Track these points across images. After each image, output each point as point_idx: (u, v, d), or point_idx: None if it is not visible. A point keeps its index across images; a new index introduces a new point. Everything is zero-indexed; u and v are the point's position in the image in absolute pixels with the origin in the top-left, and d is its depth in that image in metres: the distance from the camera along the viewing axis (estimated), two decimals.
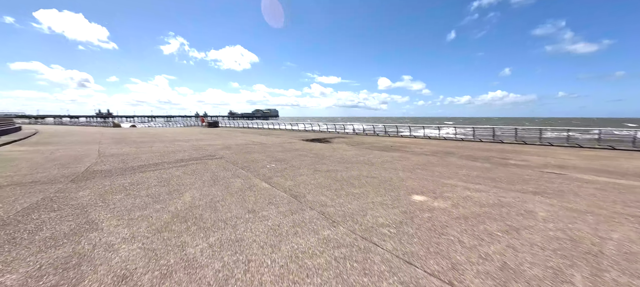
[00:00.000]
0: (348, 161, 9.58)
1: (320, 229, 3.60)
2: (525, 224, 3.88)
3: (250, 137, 21.39)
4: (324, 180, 6.54)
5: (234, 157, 10.20)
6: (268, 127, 39.09)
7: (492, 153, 12.50)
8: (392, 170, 8.02)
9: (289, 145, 15.24)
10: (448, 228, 3.69)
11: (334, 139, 20.34)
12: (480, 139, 19.43)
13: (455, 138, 20.72)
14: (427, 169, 8.25)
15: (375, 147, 14.77)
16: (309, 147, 14.38)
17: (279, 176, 7.02)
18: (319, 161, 9.49)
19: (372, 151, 12.84)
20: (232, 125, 49.41)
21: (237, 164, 8.68)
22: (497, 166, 9.03)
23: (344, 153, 11.93)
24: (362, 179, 6.66)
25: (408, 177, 6.99)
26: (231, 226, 3.65)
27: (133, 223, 3.69)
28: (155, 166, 8.15)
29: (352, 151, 12.67)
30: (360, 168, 8.24)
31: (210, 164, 8.59)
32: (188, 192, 5.30)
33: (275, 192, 5.38)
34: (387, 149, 13.62)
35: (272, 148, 13.60)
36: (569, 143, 15.87)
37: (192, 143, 15.67)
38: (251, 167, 8.27)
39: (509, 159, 10.68)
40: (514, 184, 6.52)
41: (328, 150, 13.02)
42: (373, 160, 10.01)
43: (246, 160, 9.63)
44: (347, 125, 30.71)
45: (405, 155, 11.57)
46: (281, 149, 13.10)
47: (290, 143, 16.36)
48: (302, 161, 9.59)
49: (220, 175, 7.00)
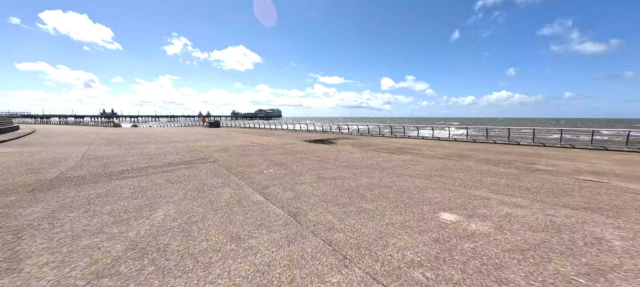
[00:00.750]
0: (355, 166, 8.55)
1: (327, 271, 2.59)
2: (607, 263, 2.83)
3: (250, 137, 20.45)
4: (329, 190, 5.52)
5: (229, 161, 9.22)
6: (270, 127, 38.18)
7: (513, 156, 11.37)
8: (407, 177, 6.98)
9: (290, 146, 14.26)
10: (505, 269, 2.65)
11: (338, 140, 19.32)
12: (494, 141, 18.25)
13: (467, 139, 19.56)
14: (446, 176, 7.20)
15: (383, 149, 13.72)
16: (311, 149, 13.38)
17: (277, 184, 6.02)
18: (323, 166, 8.48)
19: (380, 154, 11.80)
20: (234, 125, 48.62)
21: (230, 169, 7.70)
22: (524, 172, 7.93)
23: (350, 156, 10.91)
24: (374, 189, 5.63)
25: (427, 187, 5.95)
26: (203, 265, 2.65)
27: (68, 260, 2.69)
28: (137, 172, 7.20)
29: (358, 154, 11.64)
30: (370, 174, 7.22)
31: (201, 169, 7.62)
32: (162, 208, 4.31)
33: (269, 208, 4.37)
34: (396, 152, 12.56)
35: (272, 150, 12.62)
36: (593, 145, 14.65)
37: (188, 144, 14.76)
38: (246, 173, 7.28)
39: (535, 164, 9.57)
40: (556, 195, 5.44)
41: (332, 152, 12.01)
42: (383, 164, 8.97)
43: (242, 164, 8.65)
44: (351, 126, 29.68)
45: (417, 158, 10.50)
46: (282, 151, 12.11)
47: (292, 144, 15.38)
48: (304, 165, 8.58)
49: (208, 183, 6.01)
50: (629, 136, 13.83)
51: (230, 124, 49.68)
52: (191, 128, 39.95)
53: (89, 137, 19.33)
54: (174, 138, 18.84)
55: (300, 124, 34.21)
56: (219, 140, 17.14)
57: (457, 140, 19.29)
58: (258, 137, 21.02)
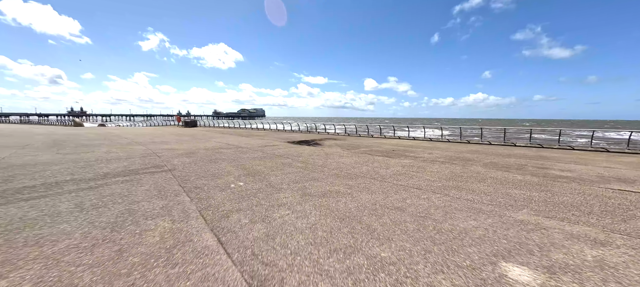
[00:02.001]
0: (349, 174, 6.89)
1: None
2: None
3: (228, 138, 18.33)
4: (319, 219, 3.81)
5: (189, 170, 7.27)
6: (252, 127, 35.90)
7: (519, 160, 10.19)
8: (417, 190, 5.40)
9: (271, 149, 12.40)
10: None
11: (324, 141, 17.65)
12: (489, 142, 17.32)
13: (461, 140, 18.54)
14: (463, 188, 5.70)
15: (376, 151, 12.20)
16: (295, 151, 11.61)
17: (244, 209, 4.21)
18: (309, 175, 6.75)
19: (374, 157, 10.24)
20: (214, 125, 45.70)
21: (185, 183, 5.78)
22: (547, 181, 6.62)
23: (340, 160, 9.25)
24: (383, 215, 3.98)
25: (451, 207, 4.39)
26: None
27: None
28: (46, 189, 5.11)
29: (349, 157, 10.01)
30: (369, 187, 5.58)
31: (143, 184, 5.64)
32: (15, 273, 2.41)
33: (219, 269, 2.57)
34: (390, 154, 11.06)
35: (248, 154, 10.72)
36: (592, 147, 13.94)
37: (149, 147, 12.50)
38: (205, 188, 5.40)
39: (548, 169, 8.36)
40: (621, 218, 4.05)
41: (320, 156, 10.31)
42: (381, 171, 7.38)
43: (205, 174, 6.74)
44: (336, 126, 28.17)
45: (417, 163, 9.03)
46: (260, 155, 10.25)
47: (273, 146, 13.52)
48: (284, 174, 6.81)
49: (140, 210, 4.10)
50: (631, 138, 13.20)
51: (211, 124, 46.68)
52: (165, 128, 36.81)
53: (33, 138, 16.42)
54: (138, 139, 16.38)
55: (283, 124, 32.23)
56: (189, 143, 14.93)
57: (450, 141, 18.22)
58: (236, 137, 18.93)
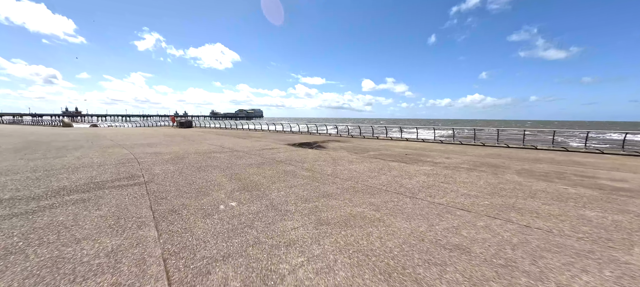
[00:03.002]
0: (368, 187, 5.56)
1: None
2: None
3: (223, 140, 16.94)
4: (352, 277, 2.48)
5: (171, 182, 5.89)
6: (250, 128, 34.48)
7: (554, 166, 8.92)
8: (466, 214, 4.08)
9: (270, 153, 11.04)
10: None
11: (327, 142, 16.31)
12: (506, 144, 16.07)
13: (475, 143, 17.26)
14: (519, 208, 4.39)
15: (387, 155, 10.88)
16: (298, 156, 10.26)
17: (234, 257, 2.85)
18: (319, 189, 5.41)
19: (387, 162, 8.93)
20: (211, 125, 44.20)
21: (159, 204, 4.42)
22: (609, 194, 5.33)
23: (351, 167, 7.92)
24: (445, 263, 2.65)
25: (535, 247, 3.07)
26: None
27: None
28: None
29: (361, 163, 8.69)
30: (402, 208, 4.26)
31: (101, 206, 4.27)
32: None
33: None
34: (405, 159, 9.74)
35: (245, 159, 9.35)
36: (625, 151, 12.73)
37: (132, 150, 11.11)
38: (184, 213, 4.05)
39: (593, 177, 7.08)
40: None
41: (326, 162, 8.97)
42: (405, 183, 6.06)
43: (189, 189, 5.37)
44: (335, 126, 26.88)
45: (440, 170, 7.72)
46: (258, 161, 8.89)
47: (273, 150, 12.16)
48: (289, 188, 5.47)
49: (70, 260, 2.73)
50: None
51: (208, 125, 45.17)
52: (159, 129, 35.31)
53: (6, 139, 14.95)
54: (124, 141, 14.94)
55: (282, 124, 30.85)
56: (179, 145, 13.53)
57: (463, 144, 16.95)
58: (232, 139, 17.54)
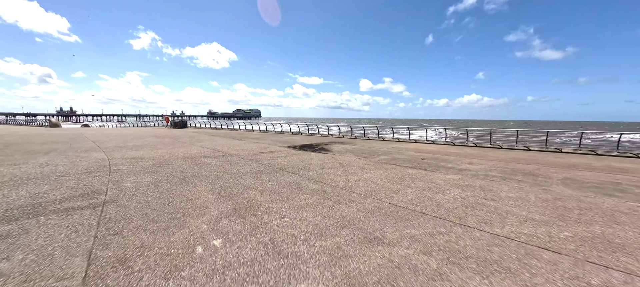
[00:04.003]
0: (395, 207, 4.24)
1: None
2: None
3: (217, 142, 15.57)
4: None
5: (138, 203, 4.53)
6: (247, 128, 33.08)
7: (600, 174, 7.65)
8: (565, 261, 2.77)
9: (269, 157, 9.69)
10: None
11: (331, 144, 14.99)
12: (527, 147, 14.82)
13: (491, 145, 16.00)
14: (634, 248, 3.09)
15: (400, 160, 9.57)
16: (300, 161, 8.92)
17: None
18: (334, 213, 4.08)
19: (405, 170, 7.62)
20: (207, 125, 42.71)
21: (108, 244, 3.07)
22: None
23: (366, 176, 6.60)
24: None
25: None
26: None
27: None
28: None
29: (375, 171, 7.36)
30: (463, 249, 2.94)
31: (15, 250, 2.92)
32: None
33: None
34: (423, 166, 8.43)
35: (239, 165, 8.00)
36: None
37: (110, 154, 9.72)
38: (137, 267, 2.69)
39: None
40: None
41: (335, 169, 7.63)
42: (439, 200, 4.75)
43: (160, 213, 4.02)
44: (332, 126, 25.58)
45: (470, 181, 6.42)
46: (254, 169, 7.54)
47: (272, 153, 10.82)
48: (295, 212, 4.12)
49: None
50: None
51: (204, 125, 43.66)
52: (152, 129, 33.80)
53: None
54: (106, 143, 13.52)
55: (281, 124, 29.47)
56: (167, 148, 12.15)
57: (477, 146, 15.70)
58: (228, 141, 16.17)
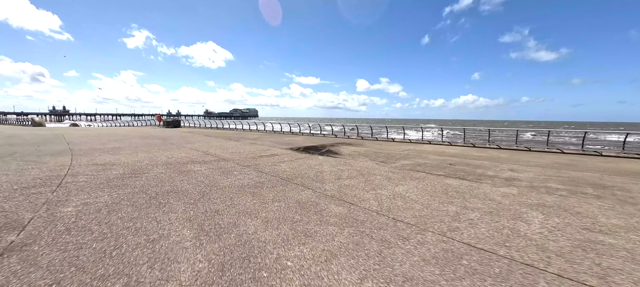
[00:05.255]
0: (475, 256, 2.60)
1: None
2: None
3: (211, 143, 13.86)
4: None
5: (65, 249, 2.86)
6: (244, 128, 31.34)
7: None
8: None
9: (269, 163, 8.03)
10: None
11: (338, 146, 13.37)
12: (560, 150, 13.31)
13: (518, 147, 14.48)
14: None
15: (428, 166, 7.97)
16: (309, 168, 7.28)
17: None
18: (385, 262, 2.44)
19: (442, 180, 6.01)
20: (203, 125, 40.83)
21: None
22: None
23: (398, 191, 4.97)
24: None
25: None
26: None
27: None
28: None
29: (406, 183, 5.74)
30: None
31: None
32: None
33: None
34: (459, 174, 6.83)
35: (233, 175, 6.34)
36: None
37: (76, 160, 8.00)
38: None
39: None
40: None
41: (354, 179, 5.99)
42: (524, 230, 3.13)
43: (89, 273, 2.39)
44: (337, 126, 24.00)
45: (543, 197, 4.83)
46: (253, 181, 5.88)
47: (273, 157, 9.16)
48: (324, 266, 2.47)
49: None
50: None
51: (200, 124, 41.77)
52: (143, 128, 31.91)
53: None
54: (83, 145, 11.74)
55: (281, 124, 27.75)
56: (151, 151, 10.42)
57: (501, 148, 14.18)
58: (222, 142, 14.46)
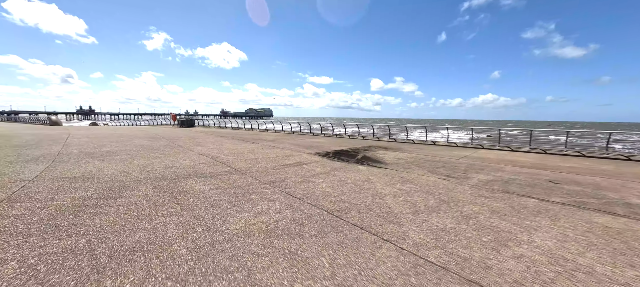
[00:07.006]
0: None
1: None
2: None
3: (223, 145, 11.99)
4: None
5: None
6: (260, 128, 29.64)
7: None
8: None
9: (297, 176, 5.90)
10: None
11: (373, 151, 11.08)
12: (627, 157, 10.34)
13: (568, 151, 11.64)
14: None
15: (525, 187, 5.56)
16: (358, 188, 5.06)
17: None
18: None
19: (575, 214, 3.59)
20: (218, 124, 39.68)
21: None
22: None
23: (540, 245, 2.62)
24: None
25: None
26: None
27: None
28: None
29: (538, 225, 3.38)
30: None
31: None
32: None
33: None
34: (581, 202, 4.38)
35: (251, 201, 4.24)
36: None
37: (43, 171, 6.25)
38: None
39: None
40: None
41: (439, 212, 3.70)
42: None
43: None
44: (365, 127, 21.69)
45: None
46: (283, 216, 3.75)
47: (300, 167, 7.03)
48: None
49: None
50: None
51: (215, 124, 40.67)
52: (157, 128, 30.99)
53: None
54: (78, 147, 10.15)
55: (300, 124, 25.67)
56: (153, 155, 8.59)
57: (546, 153, 11.43)
58: (236, 144, 12.54)
